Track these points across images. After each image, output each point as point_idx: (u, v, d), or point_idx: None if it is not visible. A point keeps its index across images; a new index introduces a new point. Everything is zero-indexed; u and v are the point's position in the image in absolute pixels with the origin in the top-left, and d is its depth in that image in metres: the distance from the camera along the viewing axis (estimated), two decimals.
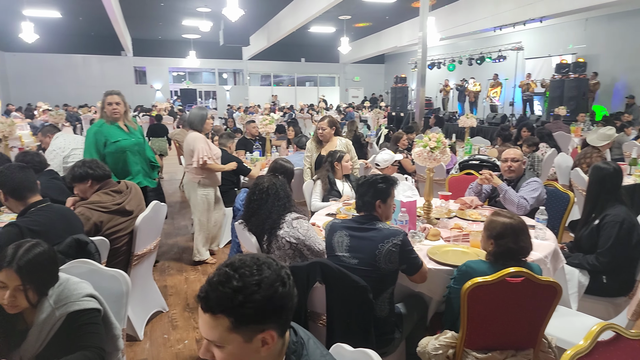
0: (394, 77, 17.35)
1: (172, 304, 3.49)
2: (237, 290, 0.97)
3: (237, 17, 9.77)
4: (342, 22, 15.53)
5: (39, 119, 11.59)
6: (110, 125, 3.66)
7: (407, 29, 16.41)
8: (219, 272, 1.01)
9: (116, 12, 12.06)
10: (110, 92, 3.72)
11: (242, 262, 1.02)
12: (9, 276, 1.46)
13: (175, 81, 22.93)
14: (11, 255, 1.49)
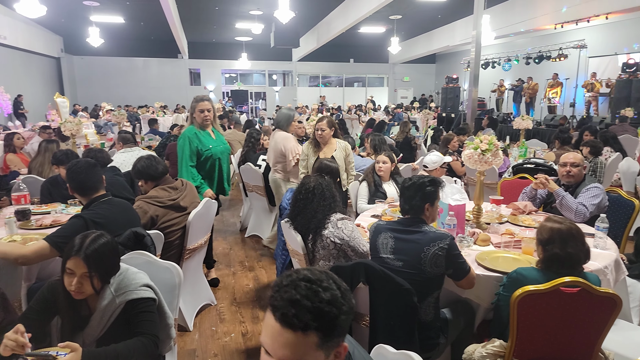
0: (445, 77, 16.92)
1: (220, 297, 3.61)
2: (329, 303, 0.95)
3: (287, 19, 9.94)
4: (392, 21, 15.36)
5: (102, 118, 12.36)
6: (201, 132, 3.61)
7: (460, 27, 15.96)
8: (296, 286, 0.96)
9: (174, 17, 12.63)
10: (201, 98, 3.61)
11: (312, 275, 0.99)
12: (77, 264, 1.58)
13: (227, 82, 23.64)
14: (79, 245, 1.61)
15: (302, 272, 1.01)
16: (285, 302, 0.94)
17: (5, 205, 3.38)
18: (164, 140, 6.53)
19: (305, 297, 0.94)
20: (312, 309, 0.93)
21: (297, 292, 0.95)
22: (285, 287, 0.97)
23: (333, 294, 0.97)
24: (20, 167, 4.91)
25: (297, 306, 0.93)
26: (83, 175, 2.41)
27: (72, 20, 14.92)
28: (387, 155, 3.85)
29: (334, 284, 0.99)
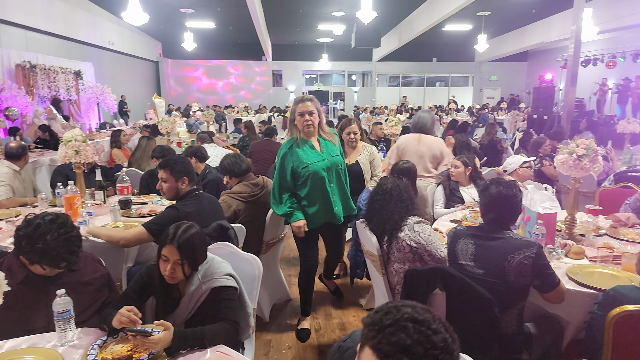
0: (538, 76, 15.76)
1: (295, 293, 3.70)
2: (443, 350, 0.88)
3: (369, 19, 9.91)
4: (480, 18, 14.66)
5: (192, 117, 13.28)
6: (301, 144, 2.86)
7: (557, 22, 14.76)
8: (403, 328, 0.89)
9: (260, 20, 13.19)
10: (301, 98, 2.86)
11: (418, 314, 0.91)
12: (171, 251, 1.74)
13: (308, 83, 24.17)
14: (172, 234, 1.77)
15: (405, 309, 0.93)
16: (394, 347, 0.87)
17: (111, 194, 3.79)
18: (241, 142, 6.91)
19: (418, 343, 0.87)
20: (425, 356, 0.86)
21: (407, 336, 0.87)
22: (389, 327, 0.90)
23: (444, 337, 0.89)
24: (123, 161, 5.46)
25: (409, 353, 0.86)
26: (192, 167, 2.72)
27: (169, 27, 16.22)
28: (460, 159, 3.68)
29: (441, 325, 0.91)
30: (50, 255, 1.69)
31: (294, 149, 2.85)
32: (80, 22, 12.08)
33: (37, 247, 1.67)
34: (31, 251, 1.68)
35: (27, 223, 1.73)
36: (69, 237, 1.73)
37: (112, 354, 1.51)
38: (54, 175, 4.09)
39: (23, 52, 9.64)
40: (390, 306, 0.95)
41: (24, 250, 1.70)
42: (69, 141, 3.16)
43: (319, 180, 2.85)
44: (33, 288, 1.76)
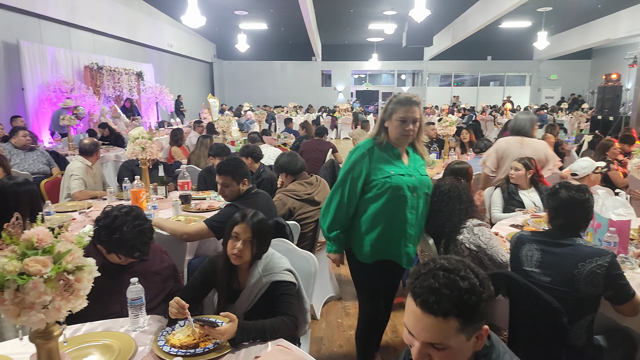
0: (603, 75, 14.80)
1: (345, 292, 3.72)
2: (467, 291, 0.99)
3: (423, 17, 9.74)
4: (540, 14, 13.98)
5: (243, 117, 13.64)
6: (386, 149, 2.21)
7: (626, 17, 13.80)
8: (434, 275, 1.01)
9: (312, 21, 13.32)
10: (407, 99, 2.15)
11: (449, 264, 1.03)
12: (244, 229, 1.82)
13: (356, 83, 24.11)
14: (243, 215, 1.87)
15: (440, 261, 1.05)
16: (424, 289, 1.00)
17: (171, 190, 3.97)
18: (297, 142, 6.99)
19: (444, 286, 0.99)
20: (451, 296, 0.98)
21: (435, 280, 1.00)
22: (423, 275, 1.03)
23: (471, 282, 1.00)
24: (181, 158, 5.70)
25: (437, 294, 0.98)
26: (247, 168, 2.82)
27: (224, 29, 16.73)
28: (521, 161, 3.51)
29: (471, 272, 1.03)
30: (126, 245, 1.81)
31: (375, 152, 2.19)
32: (142, 25, 12.76)
33: (114, 237, 1.79)
34: (109, 241, 1.80)
35: (106, 215, 1.85)
36: (142, 228, 1.84)
37: (179, 341, 1.58)
38: (121, 170, 4.35)
39: (91, 55, 10.31)
40: (430, 259, 1.08)
41: (102, 239, 1.82)
42: (136, 138, 3.35)
43: (398, 200, 2.17)
44: (108, 276, 1.87)
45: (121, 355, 1.51)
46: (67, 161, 5.30)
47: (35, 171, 4.88)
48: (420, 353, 1.01)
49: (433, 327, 0.99)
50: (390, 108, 2.21)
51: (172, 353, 1.52)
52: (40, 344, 0.98)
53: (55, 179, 4.23)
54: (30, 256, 0.91)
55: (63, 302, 0.94)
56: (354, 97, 23.16)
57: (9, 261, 0.89)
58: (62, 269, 0.93)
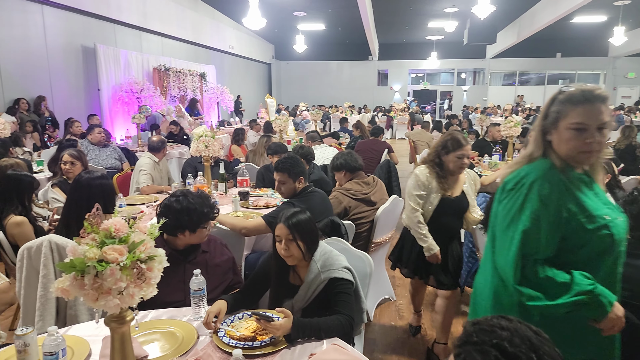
0: None
1: (399, 294, 3.66)
2: None
3: (487, 14, 9.38)
4: (617, 8, 12.96)
5: (299, 117, 13.83)
6: (574, 181, 1.47)
7: None
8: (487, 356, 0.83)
9: (370, 20, 13.24)
10: (584, 95, 1.41)
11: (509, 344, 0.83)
12: (281, 229, 1.85)
13: (413, 82, 23.65)
14: (280, 216, 1.90)
15: (501, 333, 0.86)
16: None
17: (231, 186, 4.11)
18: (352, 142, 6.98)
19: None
20: None
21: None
22: (473, 345, 0.85)
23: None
24: (240, 156, 5.89)
25: None
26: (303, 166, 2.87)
27: (282, 30, 17.07)
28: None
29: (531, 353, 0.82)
30: (196, 212, 2.01)
31: (568, 186, 1.44)
32: (207, 28, 13.34)
33: (184, 206, 2.01)
34: (179, 212, 2.00)
35: (168, 199, 2.08)
36: (203, 195, 2.13)
37: (237, 333, 1.63)
38: (185, 167, 4.57)
39: (159, 57, 10.92)
40: (491, 323, 0.88)
41: (174, 218, 1.98)
42: (200, 136, 3.51)
43: (611, 259, 1.46)
44: (173, 266, 1.98)
45: (184, 343, 1.59)
46: (136, 157, 5.67)
47: (108, 166, 5.26)
48: None
49: None
50: (555, 111, 1.45)
51: (231, 344, 1.57)
52: (114, 328, 1.05)
53: (126, 173, 4.53)
54: (108, 245, 0.99)
55: (136, 289, 1.00)
56: (411, 97, 22.74)
57: (89, 249, 0.97)
58: (136, 258, 1.00)
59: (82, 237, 1.01)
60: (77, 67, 8.38)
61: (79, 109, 8.31)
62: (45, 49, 7.59)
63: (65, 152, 3.55)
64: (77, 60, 8.36)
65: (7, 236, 2.47)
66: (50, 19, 7.63)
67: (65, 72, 8.09)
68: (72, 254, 0.98)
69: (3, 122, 5.22)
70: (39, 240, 2.12)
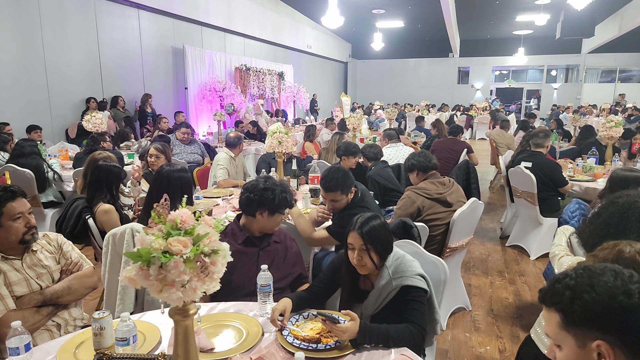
0: None
1: (475, 304, 3.43)
2: (567, 287, 0.99)
3: (584, 5, 8.55)
4: None
5: (373, 115, 13.65)
6: None
7: None
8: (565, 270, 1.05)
9: (452, 16, 12.70)
10: None
11: (587, 266, 1.02)
12: (354, 237, 1.75)
13: (497, 80, 22.33)
14: (355, 222, 1.79)
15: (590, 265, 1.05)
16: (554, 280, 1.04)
17: (302, 183, 4.12)
18: (428, 141, 6.70)
19: (556, 280, 1.02)
20: (552, 288, 1.02)
21: (559, 275, 1.03)
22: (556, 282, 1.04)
23: (580, 281, 0.98)
24: (313, 153, 5.91)
25: (548, 284, 1.04)
26: None
27: (360, 28, 16.98)
28: None
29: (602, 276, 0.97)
30: (287, 195, 2.14)
31: None
32: (286, 29, 13.65)
33: (277, 192, 2.11)
34: (274, 197, 2.09)
35: (256, 184, 2.15)
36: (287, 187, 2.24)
37: (302, 333, 1.59)
38: (259, 163, 4.67)
39: (241, 57, 11.38)
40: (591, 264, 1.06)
41: (267, 199, 2.08)
42: (274, 132, 3.55)
43: None
44: (249, 254, 2.09)
45: (249, 339, 1.57)
46: (216, 152, 5.92)
47: (190, 160, 5.55)
48: (549, 346, 1.05)
49: (544, 316, 1.04)
50: None
51: (295, 344, 1.53)
52: (177, 320, 1.05)
53: (205, 167, 4.74)
54: (174, 236, 0.98)
55: (199, 282, 0.99)
56: (494, 95, 21.49)
57: (156, 239, 0.97)
58: (199, 251, 0.99)
59: (150, 227, 1.02)
60: (167, 67, 9.00)
61: (167, 106, 8.93)
62: (140, 51, 8.24)
63: (152, 146, 3.78)
64: (167, 60, 8.97)
65: (96, 223, 2.66)
66: (145, 23, 8.27)
67: (157, 72, 8.72)
68: (140, 244, 0.99)
69: (100, 118, 5.72)
70: (122, 228, 2.25)
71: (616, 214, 1.96)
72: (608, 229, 1.96)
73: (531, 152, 4.44)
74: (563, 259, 2.00)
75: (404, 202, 2.98)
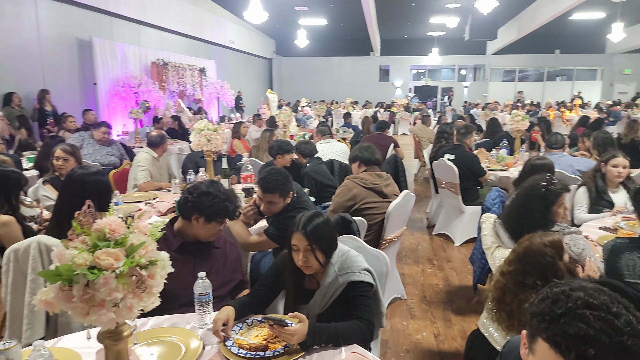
0: None
1: (409, 293, 3.53)
2: (630, 335, 0.79)
3: (490, 9, 9.24)
4: (616, 5, 12.80)
5: (300, 112, 13.66)
6: None
7: None
8: (582, 318, 0.81)
9: (372, 16, 13.06)
10: None
11: (592, 298, 0.83)
12: (299, 239, 1.68)
13: (415, 78, 23.47)
14: (298, 222, 1.72)
15: (576, 294, 0.85)
16: (574, 339, 0.80)
17: (234, 182, 3.95)
18: (356, 137, 6.86)
19: (601, 332, 0.79)
20: (612, 345, 0.78)
21: (587, 325, 0.80)
22: (563, 317, 0.83)
23: (627, 320, 0.80)
24: (243, 151, 5.73)
25: (594, 344, 0.78)
26: None
27: (284, 25, 16.86)
28: (627, 158, 3.17)
29: (621, 306, 0.83)
30: (229, 205, 1.98)
31: None
32: (207, 22, 13.12)
33: (215, 200, 1.94)
34: (211, 205, 1.93)
35: (196, 186, 2.00)
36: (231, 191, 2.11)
37: (248, 342, 1.49)
38: (186, 162, 4.40)
39: (157, 51, 10.72)
40: (556, 292, 0.87)
41: (204, 206, 1.92)
42: (201, 130, 3.35)
43: None
44: (185, 261, 1.91)
45: (188, 355, 1.43)
46: (133, 153, 5.49)
47: (105, 163, 5.08)
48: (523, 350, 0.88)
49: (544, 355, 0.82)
50: None
51: (240, 355, 1.42)
52: (109, 345, 0.90)
53: (123, 169, 4.36)
54: (102, 248, 0.83)
55: (135, 300, 0.85)
56: (413, 93, 22.56)
57: (79, 253, 0.81)
58: (134, 264, 0.85)
59: (70, 239, 0.86)
60: (72, 60, 8.17)
61: (73, 104, 8.10)
62: (39, 42, 7.38)
63: (58, 147, 3.37)
64: (71, 53, 8.14)
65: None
66: (43, 11, 7.41)
67: (59, 66, 7.87)
68: (58, 260, 0.82)
69: None
70: (27, 242, 1.95)
71: (522, 196, 2.16)
72: (519, 210, 2.16)
73: (454, 145, 4.69)
74: (495, 253, 2.11)
75: (341, 190, 3.06)
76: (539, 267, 1.63)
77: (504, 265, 1.74)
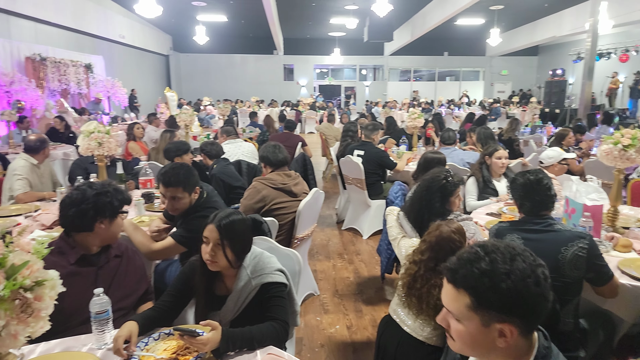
0: (550, 70, 15.48)
1: (322, 288, 3.61)
2: (484, 272, 0.97)
3: (385, 12, 9.75)
4: (493, 12, 14.40)
5: (203, 112, 13.18)
6: None
7: (570, 16, 14.46)
8: (471, 250, 1.02)
9: (273, 14, 13.03)
10: None
11: (495, 247, 1.01)
12: (211, 230, 1.63)
13: (319, 77, 23.97)
14: (214, 216, 1.68)
15: (490, 241, 1.06)
16: (453, 258, 1.04)
17: (132, 188, 3.68)
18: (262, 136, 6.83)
19: (467, 261, 1.00)
20: (466, 271, 0.99)
21: (467, 254, 1.02)
22: (467, 250, 1.05)
23: (495, 267, 0.97)
24: (140, 154, 5.35)
25: (456, 264, 1.02)
26: None
27: (181, 20, 16.09)
28: (506, 150, 3.59)
29: (508, 261, 0.98)
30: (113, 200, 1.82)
31: None
32: (91, 14, 11.98)
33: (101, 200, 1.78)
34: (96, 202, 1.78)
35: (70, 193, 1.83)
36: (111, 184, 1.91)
37: (155, 357, 1.40)
38: (73, 169, 3.98)
39: (33, 45, 9.55)
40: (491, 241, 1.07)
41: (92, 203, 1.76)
42: (91, 133, 3.06)
43: None
44: (85, 274, 1.75)
45: None
46: (8, 160, 4.83)
47: None
48: (442, 315, 1.06)
49: (450, 294, 1.02)
50: None
51: None
52: None
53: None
54: None
55: (20, 326, 0.74)
56: (317, 92, 23.03)
57: None
58: (17, 286, 0.74)
59: None
60: None
61: None
62: None
63: None
64: None
65: None
66: None
67: None
68: None
69: None
70: None
71: (423, 188, 2.34)
72: (420, 201, 2.32)
73: (363, 142, 4.90)
74: (401, 243, 2.24)
75: (250, 192, 3.01)
76: (450, 253, 1.78)
77: (416, 253, 1.86)
